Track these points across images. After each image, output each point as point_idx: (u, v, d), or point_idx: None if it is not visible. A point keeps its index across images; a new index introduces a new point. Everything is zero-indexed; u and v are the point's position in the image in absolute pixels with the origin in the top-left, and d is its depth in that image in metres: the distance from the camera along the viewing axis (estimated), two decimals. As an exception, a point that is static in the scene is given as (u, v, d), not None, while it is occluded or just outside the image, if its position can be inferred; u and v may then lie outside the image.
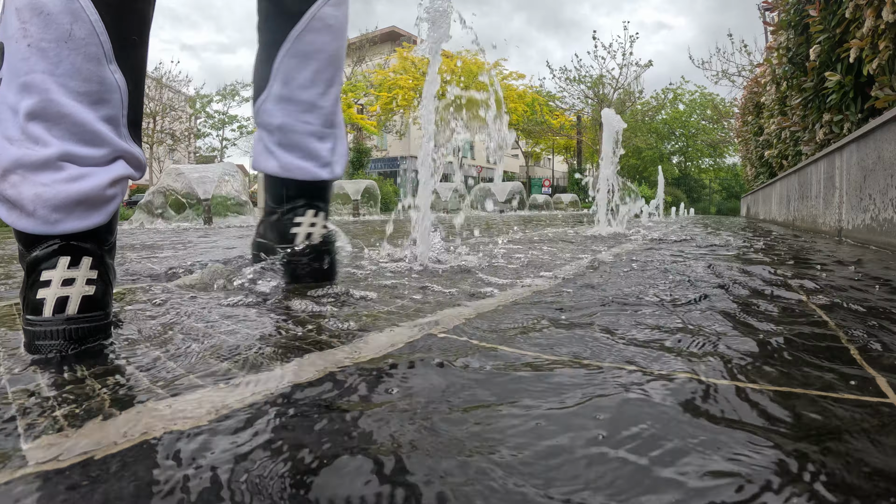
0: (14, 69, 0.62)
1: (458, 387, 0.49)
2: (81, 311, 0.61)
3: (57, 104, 0.63)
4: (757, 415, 0.42)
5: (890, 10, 2.03)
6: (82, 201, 0.64)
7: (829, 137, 3.26)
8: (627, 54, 23.93)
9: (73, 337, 0.59)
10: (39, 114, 0.62)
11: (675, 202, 18.30)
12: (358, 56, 22.77)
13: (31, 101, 0.62)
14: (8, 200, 0.63)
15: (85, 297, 0.61)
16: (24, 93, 0.62)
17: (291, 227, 0.99)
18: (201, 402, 0.45)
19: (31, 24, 0.62)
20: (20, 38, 0.62)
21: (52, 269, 0.61)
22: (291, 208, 1.01)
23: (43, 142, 0.62)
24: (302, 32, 0.98)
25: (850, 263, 1.56)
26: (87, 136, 0.65)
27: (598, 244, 2.36)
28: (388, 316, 0.79)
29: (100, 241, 0.67)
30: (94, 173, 0.65)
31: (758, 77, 7.04)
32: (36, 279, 0.60)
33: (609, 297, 0.94)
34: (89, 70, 0.65)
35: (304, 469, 0.34)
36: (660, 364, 0.55)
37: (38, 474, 0.34)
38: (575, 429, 0.39)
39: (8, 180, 0.62)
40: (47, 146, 0.62)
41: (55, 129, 0.63)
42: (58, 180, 0.62)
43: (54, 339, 0.59)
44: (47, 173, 0.62)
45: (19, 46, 0.62)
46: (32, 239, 0.63)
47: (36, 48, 0.62)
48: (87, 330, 0.61)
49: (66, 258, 0.62)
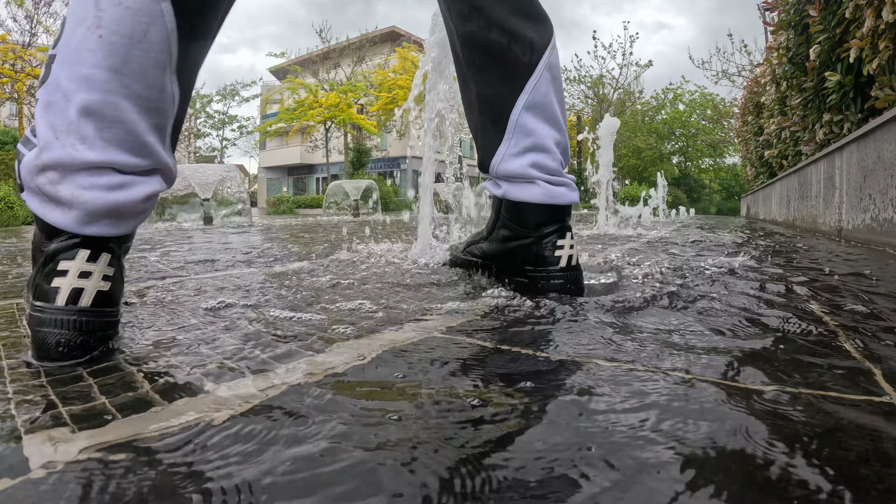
0: (77, 56, 0.60)
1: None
2: (94, 305, 0.60)
3: (116, 107, 0.61)
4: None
5: (890, 10, 2.03)
6: (116, 211, 0.63)
7: (829, 137, 3.26)
8: (627, 54, 24.05)
9: (83, 329, 0.59)
10: (95, 112, 0.60)
11: (675, 202, 18.30)
12: (358, 56, 22.79)
13: (90, 97, 0.60)
14: (44, 194, 0.62)
15: (99, 291, 0.61)
16: (84, 85, 0.60)
17: (556, 249, 0.97)
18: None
19: (108, 13, 0.60)
20: (93, 26, 0.60)
21: (70, 261, 0.60)
22: (551, 232, 0.98)
23: (90, 143, 0.61)
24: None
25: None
26: (136, 144, 0.64)
27: (599, 244, 2.36)
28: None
29: (120, 241, 0.67)
30: (133, 184, 0.65)
31: (758, 77, 7.04)
32: (53, 268, 0.60)
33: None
34: (153, 76, 0.63)
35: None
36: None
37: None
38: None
39: (46, 175, 0.61)
40: (93, 148, 0.61)
41: (107, 132, 0.61)
42: (97, 185, 0.62)
43: (63, 328, 0.58)
44: (88, 177, 0.61)
45: (89, 35, 0.60)
46: (56, 230, 0.62)
47: (107, 41, 0.60)
48: (98, 324, 0.61)
49: (87, 252, 0.61)
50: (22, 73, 12.55)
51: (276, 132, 21.79)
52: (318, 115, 18.88)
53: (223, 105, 27.54)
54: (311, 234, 3.41)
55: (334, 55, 22.95)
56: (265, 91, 24.64)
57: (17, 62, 12.54)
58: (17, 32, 13.06)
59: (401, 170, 26.00)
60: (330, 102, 18.65)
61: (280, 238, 2.98)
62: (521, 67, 0.96)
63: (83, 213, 0.61)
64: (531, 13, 0.96)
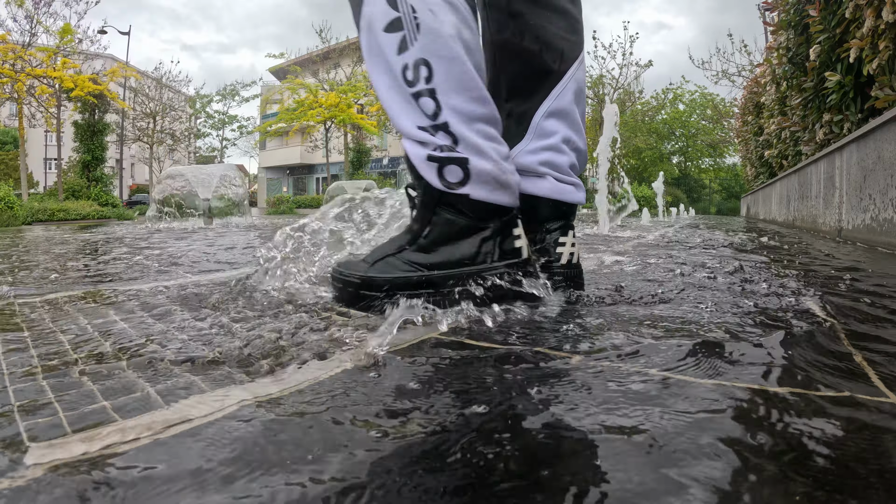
0: (462, 84, 0.81)
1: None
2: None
3: (494, 111, 0.86)
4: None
5: (890, 10, 2.03)
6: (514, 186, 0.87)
7: (829, 137, 3.26)
8: (627, 54, 23.99)
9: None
10: (490, 120, 0.85)
11: (675, 202, 18.28)
12: (358, 56, 22.76)
13: (486, 110, 0.84)
14: (498, 183, 0.83)
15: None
16: (480, 103, 0.83)
17: (557, 246, 0.98)
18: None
19: (471, 44, 0.84)
20: (463, 58, 0.81)
21: (518, 227, 0.88)
22: (554, 228, 0.99)
23: (496, 140, 0.86)
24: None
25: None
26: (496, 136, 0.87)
27: (605, 244, 2.36)
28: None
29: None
30: (512, 169, 0.88)
31: (758, 77, 7.04)
32: (508, 234, 0.87)
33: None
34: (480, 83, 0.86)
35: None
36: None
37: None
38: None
39: (501, 167, 0.84)
40: (500, 143, 0.87)
41: (495, 129, 0.86)
42: (507, 171, 0.86)
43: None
44: (509, 163, 0.88)
45: (465, 66, 0.81)
46: (495, 210, 0.85)
47: (466, 65, 0.81)
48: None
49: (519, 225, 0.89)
50: (22, 73, 12.54)
51: (276, 132, 21.78)
52: (318, 115, 18.87)
53: (223, 105, 27.53)
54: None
55: (334, 55, 22.94)
56: (265, 91, 24.64)
57: (17, 62, 12.53)
58: (17, 32, 13.06)
59: (400, 170, 25.99)
60: (330, 102, 18.64)
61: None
62: (552, 75, 1.00)
63: (512, 190, 0.86)
64: (566, 27, 1.01)
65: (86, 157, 13.47)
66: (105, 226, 6.04)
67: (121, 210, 12.25)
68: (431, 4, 0.80)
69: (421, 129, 0.82)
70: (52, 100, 13.48)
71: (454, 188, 0.83)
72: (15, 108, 15.40)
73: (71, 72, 13.06)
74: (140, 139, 22.19)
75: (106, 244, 2.59)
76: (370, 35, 0.83)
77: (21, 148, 13.86)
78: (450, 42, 0.80)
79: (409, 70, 0.80)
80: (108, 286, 1.14)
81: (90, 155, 13.47)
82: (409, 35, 0.79)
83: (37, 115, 14.08)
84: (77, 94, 12.69)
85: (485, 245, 0.85)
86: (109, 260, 1.77)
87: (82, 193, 12.74)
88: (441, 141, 0.81)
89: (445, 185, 0.83)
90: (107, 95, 13.54)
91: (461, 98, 0.81)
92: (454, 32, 0.81)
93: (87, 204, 10.94)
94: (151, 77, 21.82)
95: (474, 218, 0.84)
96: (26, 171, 14.50)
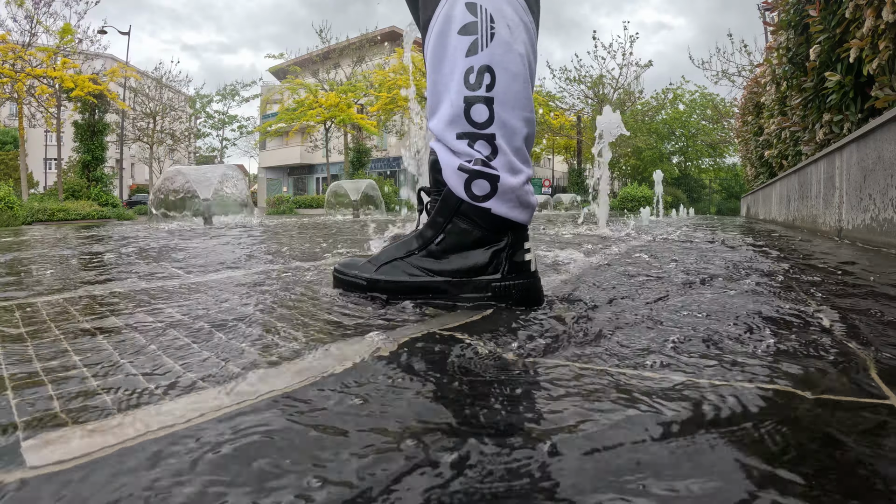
0: (518, 102, 0.83)
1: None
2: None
3: (533, 135, 0.88)
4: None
5: (890, 10, 2.03)
6: (533, 207, 0.88)
7: (829, 137, 3.26)
8: (627, 54, 23.87)
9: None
10: (530, 141, 0.87)
11: (675, 202, 18.29)
12: (358, 56, 22.78)
13: (529, 131, 0.86)
14: (519, 202, 0.84)
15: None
16: (526, 124, 0.85)
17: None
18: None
19: (532, 69, 0.87)
20: (526, 78, 0.84)
21: (528, 241, 0.87)
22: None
23: (528, 163, 0.87)
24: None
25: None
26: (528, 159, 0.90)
27: (608, 243, 2.36)
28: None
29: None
30: (531, 190, 0.89)
31: (758, 77, 7.04)
32: (519, 248, 0.86)
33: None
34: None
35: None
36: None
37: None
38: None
39: (525, 189, 0.85)
40: (529, 166, 0.88)
41: (529, 151, 0.88)
42: (530, 192, 0.87)
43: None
44: (530, 186, 0.87)
45: (525, 86, 0.84)
46: (510, 225, 0.85)
47: (527, 85, 0.84)
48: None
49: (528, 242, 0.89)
50: (22, 73, 12.55)
51: (276, 132, 21.79)
52: (318, 115, 18.87)
53: (223, 105, 27.53)
54: (313, 231, 3.40)
55: (334, 55, 22.94)
56: (265, 91, 24.64)
57: (17, 62, 12.53)
58: (17, 32, 13.06)
59: (400, 169, 26.01)
60: (330, 102, 18.64)
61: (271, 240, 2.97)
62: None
63: (530, 210, 0.86)
64: None
65: (86, 157, 13.48)
66: (114, 226, 6.04)
67: (121, 210, 12.26)
68: (510, 20, 0.82)
69: (460, 139, 0.83)
70: (52, 100, 13.49)
71: (478, 201, 0.83)
72: (15, 108, 15.42)
73: (71, 72, 13.07)
74: (140, 139, 22.21)
75: (183, 239, 2.58)
76: (442, 34, 0.84)
77: (21, 148, 13.87)
78: (518, 59, 0.83)
79: (472, 73, 0.81)
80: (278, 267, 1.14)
81: (90, 155, 13.48)
82: (481, 41, 0.81)
83: (37, 115, 14.09)
84: (77, 94, 12.71)
85: (496, 257, 0.86)
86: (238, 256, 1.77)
87: (82, 193, 12.76)
88: (478, 152, 0.82)
89: (470, 196, 0.83)
90: (107, 95, 13.55)
91: (514, 114, 0.83)
92: (524, 52, 0.84)
93: (87, 204, 10.95)
94: (151, 77, 21.82)
95: (490, 231, 0.85)
96: (26, 171, 14.51)
